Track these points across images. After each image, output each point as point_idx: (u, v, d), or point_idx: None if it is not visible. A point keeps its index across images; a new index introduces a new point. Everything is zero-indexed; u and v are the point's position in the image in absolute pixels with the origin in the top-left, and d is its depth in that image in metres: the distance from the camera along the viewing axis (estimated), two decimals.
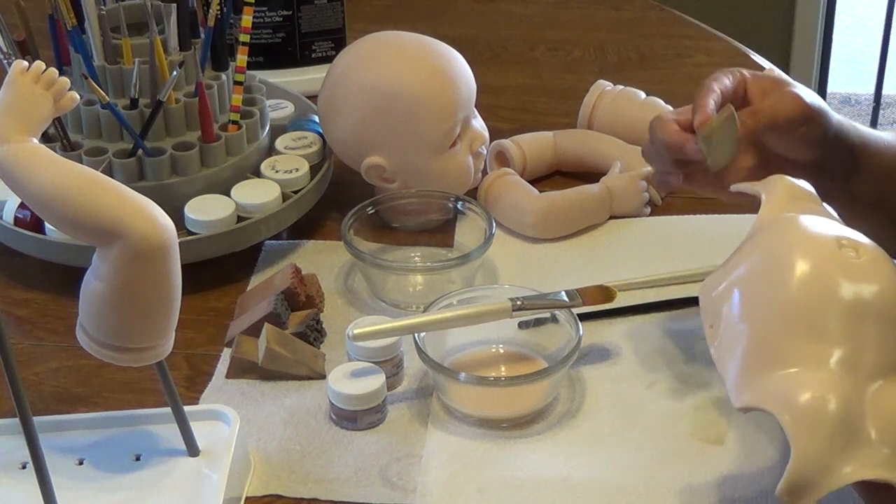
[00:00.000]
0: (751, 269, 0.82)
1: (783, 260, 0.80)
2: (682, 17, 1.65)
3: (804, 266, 0.79)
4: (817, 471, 0.73)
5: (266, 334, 0.99)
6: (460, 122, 1.15)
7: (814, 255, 0.80)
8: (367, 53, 1.17)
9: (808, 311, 0.77)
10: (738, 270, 0.83)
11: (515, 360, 1.00)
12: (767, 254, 0.82)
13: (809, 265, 0.79)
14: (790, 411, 0.74)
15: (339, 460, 0.91)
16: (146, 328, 0.80)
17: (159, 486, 0.86)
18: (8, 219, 1.11)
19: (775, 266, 0.80)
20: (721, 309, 0.82)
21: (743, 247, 0.86)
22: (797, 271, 0.79)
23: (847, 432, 0.74)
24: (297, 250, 1.16)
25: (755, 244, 0.84)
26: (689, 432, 0.93)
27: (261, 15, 1.39)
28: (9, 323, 1.07)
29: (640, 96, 1.30)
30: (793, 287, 0.78)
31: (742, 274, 0.83)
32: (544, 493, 0.88)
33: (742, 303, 0.81)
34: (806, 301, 0.78)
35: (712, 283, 0.84)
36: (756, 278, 0.82)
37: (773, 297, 0.79)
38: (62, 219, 0.78)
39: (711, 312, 0.83)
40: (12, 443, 0.87)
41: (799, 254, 0.80)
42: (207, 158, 1.12)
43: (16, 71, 0.80)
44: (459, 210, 1.14)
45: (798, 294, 0.78)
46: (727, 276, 0.84)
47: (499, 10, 1.68)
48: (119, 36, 1.13)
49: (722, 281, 0.84)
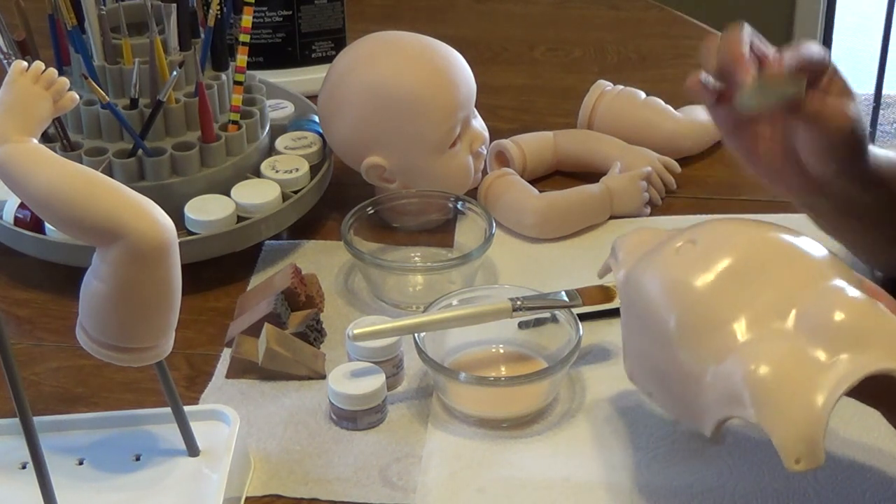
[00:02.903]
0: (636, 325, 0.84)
1: (648, 299, 0.82)
2: (682, 17, 1.65)
3: (662, 291, 0.80)
4: (800, 428, 0.71)
5: (266, 334, 0.99)
6: (460, 122, 1.15)
7: (661, 278, 0.81)
8: (367, 53, 1.17)
9: (694, 318, 0.78)
10: (631, 341, 0.85)
11: (515, 360, 1.00)
12: (638, 304, 0.83)
13: (662, 288, 0.81)
14: (740, 402, 0.74)
15: (339, 460, 0.91)
16: (146, 328, 0.80)
17: (159, 486, 0.86)
18: (8, 219, 1.11)
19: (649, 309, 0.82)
20: (644, 380, 0.85)
21: (622, 314, 0.87)
22: (661, 299, 0.80)
23: (796, 375, 0.73)
24: (297, 250, 1.16)
25: (626, 304, 0.86)
26: (689, 432, 0.93)
27: (261, 15, 1.39)
28: (9, 323, 1.07)
29: (640, 96, 1.30)
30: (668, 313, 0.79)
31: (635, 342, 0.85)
32: (544, 493, 0.88)
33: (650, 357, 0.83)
34: (684, 313, 0.79)
35: (629, 365, 0.87)
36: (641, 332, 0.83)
37: (663, 332, 0.80)
38: (62, 219, 0.78)
39: (642, 382, 0.86)
40: (12, 443, 0.87)
41: (653, 287, 0.81)
42: (207, 158, 1.12)
43: (15, 71, 0.80)
44: (459, 210, 1.14)
45: (676, 313, 0.79)
46: (629, 346, 0.86)
47: (499, 10, 1.68)
48: (119, 36, 1.13)
49: (630, 359, 0.86)
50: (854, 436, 0.92)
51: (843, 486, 0.87)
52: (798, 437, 0.71)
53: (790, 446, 0.71)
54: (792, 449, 0.71)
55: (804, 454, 0.71)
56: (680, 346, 0.78)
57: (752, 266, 0.78)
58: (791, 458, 0.71)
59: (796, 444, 0.71)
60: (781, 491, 0.87)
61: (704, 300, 0.78)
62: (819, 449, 0.71)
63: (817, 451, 0.71)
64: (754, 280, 0.78)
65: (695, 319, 0.78)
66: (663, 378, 0.81)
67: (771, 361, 0.73)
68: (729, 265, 0.79)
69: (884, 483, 0.88)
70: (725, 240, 0.81)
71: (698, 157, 1.29)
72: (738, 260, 0.79)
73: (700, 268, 0.79)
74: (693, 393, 0.78)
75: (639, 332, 0.84)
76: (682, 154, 1.27)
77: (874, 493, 0.87)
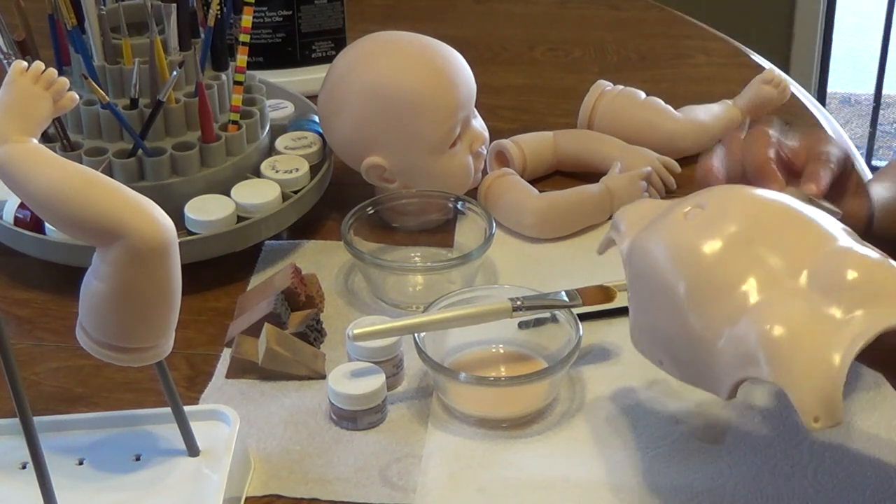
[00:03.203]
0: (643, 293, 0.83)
1: (656, 265, 0.81)
2: (682, 17, 1.65)
3: (671, 255, 0.80)
4: (818, 386, 0.71)
5: (266, 334, 0.99)
6: (460, 122, 1.15)
7: (670, 243, 0.80)
8: (367, 53, 1.17)
9: (703, 281, 0.78)
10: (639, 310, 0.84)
11: (515, 360, 1.00)
12: (645, 271, 0.83)
13: (671, 253, 0.80)
14: (756, 363, 0.73)
15: (339, 460, 0.91)
16: (146, 328, 0.80)
17: (159, 486, 0.86)
18: (8, 219, 1.11)
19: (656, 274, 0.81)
20: (654, 349, 0.83)
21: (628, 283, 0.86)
22: (670, 263, 0.79)
23: (812, 333, 0.72)
24: (297, 250, 1.16)
25: (632, 272, 0.85)
26: (689, 432, 0.93)
27: (261, 15, 1.39)
28: (9, 323, 1.07)
29: (640, 96, 1.30)
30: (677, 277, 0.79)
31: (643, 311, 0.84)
32: (544, 493, 0.88)
33: (660, 324, 0.82)
34: (693, 276, 0.78)
35: (632, 330, 0.86)
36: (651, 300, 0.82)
37: (672, 297, 0.79)
38: (62, 219, 0.78)
39: (650, 351, 0.84)
40: (12, 443, 0.87)
41: (661, 252, 0.81)
42: (207, 158, 1.12)
43: (15, 71, 0.80)
44: (459, 210, 1.14)
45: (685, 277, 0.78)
46: (635, 315, 0.85)
47: (499, 10, 1.68)
48: (119, 36, 1.13)
49: (637, 329, 0.85)
50: (854, 436, 0.92)
51: (843, 486, 0.87)
52: (817, 395, 0.71)
53: (809, 405, 0.71)
54: (811, 407, 0.71)
55: (823, 412, 0.71)
56: (691, 310, 0.78)
57: (762, 229, 0.78)
58: (810, 416, 0.71)
59: (815, 402, 0.71)
60: (781, 491, 0.87)
61: (715, 263, 0.77)
62: (838, 407, 0.71)
63: (836, 409, 0.71)
64: (764, 243, 0.77)
65: (706, 283, 0.77)
66: (675, 345, 0.80)
67: (785, 321, 0.73)
68: (738, 228, 0.78)
69: (884, 482, 0.88)
70: (734, 204, 0.81)
71: (698, 157, 1.28)
72: (748, 223, 0.78)
73: (709, 231, 0.79)
74: (707, 357, 0.77)
75: (648, 300, 0.83)
76: (682, 154, 1.27)
77: (874, 492, 0.87)
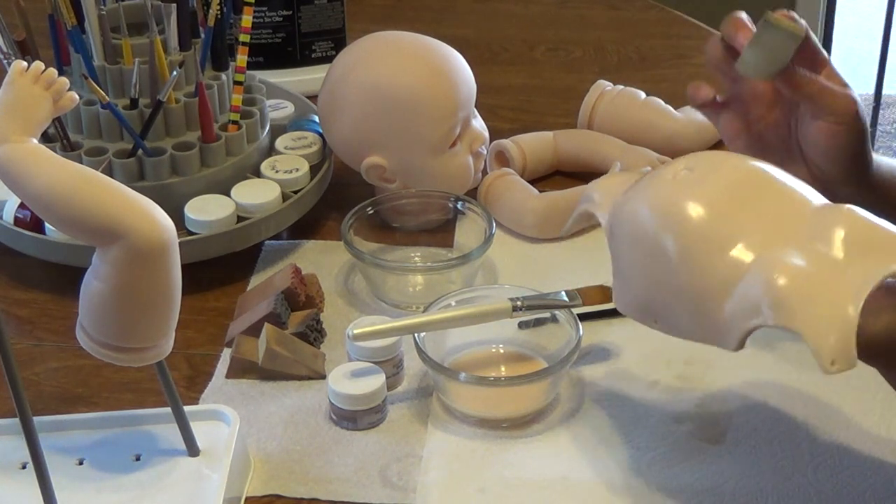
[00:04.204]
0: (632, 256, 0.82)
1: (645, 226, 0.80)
2: (682, 17, 1.65)
3: (661, 215, 0.79)
4: (833, 329, 0.71)
5: (266, 334, 0.99)
6: (460, 122, 1.15)
7: (662, 203, 0.80)
8: (367, 53, 1.17)
9: (697, 239, 0.77)
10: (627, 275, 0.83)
11: (515, 360, 1.00)
12: (632, 233, 0.81)
13: (664, 213, 0.79)
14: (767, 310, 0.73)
15: (339, 460, 0.91)
16: (146, 328, 0.80)
17: (159, 486, 0.86)
18: (8, 219, 1.11)
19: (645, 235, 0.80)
20: (645, 311, 0.82)
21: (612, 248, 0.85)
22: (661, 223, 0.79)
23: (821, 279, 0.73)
24: (297, 250, 1.16)
25: (617, 236, 0.84)
26: (689, 432, 0.93)
27: (261, 15, 1.39)
28: (9, 323, 1.07)
29: (640, 96, 1.30)
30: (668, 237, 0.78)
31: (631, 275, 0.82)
32: (544, 493, 0.88)
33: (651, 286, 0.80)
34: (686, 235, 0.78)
35: (619, 296, 0.84)
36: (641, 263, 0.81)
37: (663, 257, 0.78)
38: (62, 219, 0.78)
39: (642, 313, 0.83)
40: (12, 443, 0.88)
41: (651, 212, 0.80)
42: (207, 158, 1.12)
43: (15, 71, 0.80)
44: (459, 210, 1.14)
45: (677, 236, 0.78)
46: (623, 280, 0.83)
47: (499, 10, 1.68)
48: (119, 36, 1.13)
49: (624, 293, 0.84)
50: (854, 436, 0.92)
51: (843, 486, 0.87)
52: (832, 338, 0.71)
53: (826, 348, 0.71)
54: (828, 351, 0.71)
55: (839, 355, 0.71)
56: (687, 267, 0.77)
57: (753, 188, 0.78)
58: (828, 359, 0.71)
59: (833, 346, 0.71)
60: (781, 491, 0.87)
61: (712, 219, 0.77)
62: (852, 350, 0.71)
63: (851, 352, 0.71)
64: (757, 199, 0.77)
65: (700, 239, 0.77)
66: (669, 303, 0.79)
67: (793, 268, 0.73)
68: (730, 186, 0.78)
69: (884, 483, 0.88)
70: (722, 166, 0.81)
71: None
72: (739, 182, 0.79)
73: (701, 190, 0.79)
74: (709, 311, 0.77)
75: (636, 264, 0.81)
76: (682, 154, 1.26)
77: (874, 492, 0.87)
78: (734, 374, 0.98)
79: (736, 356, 0.79)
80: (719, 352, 0.78)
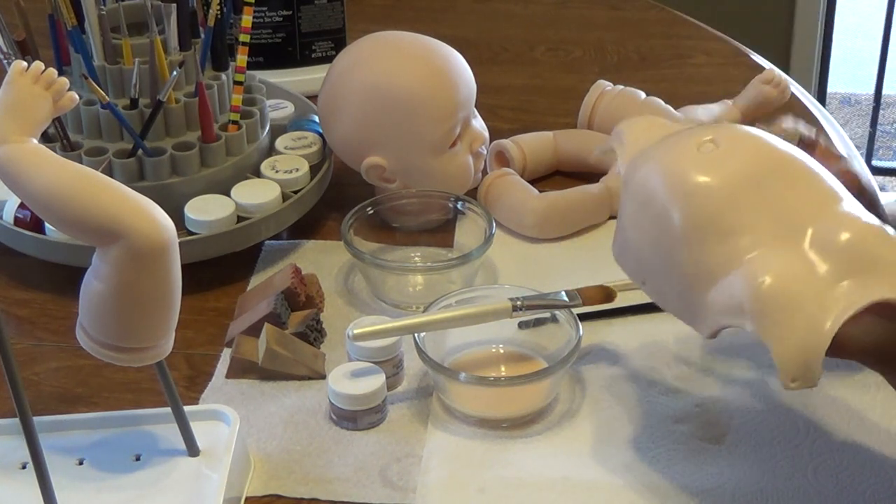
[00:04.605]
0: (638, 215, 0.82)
1: (657, 191, 0.79)
2: (682, 17, 1.65)
3: (675, 185, 0.78)
4: (801, 347, 0.71)
5: (266, 334, 0.99)
6: (460, 122, 1.15)
7: (678, 173, 0.79)
8: (367, 53, 1.17)
9: (703, 221, 0.77)
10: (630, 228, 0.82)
11: (515, 360, 1.00)
12: (644, 193, 0.81)
13: (677, 182, 0.78)
14: (742, 313, 0.73)
15: (339, 460, 0.91)
16: (146, 328, 0.80)
17: (159, 486, 0.86)
18: (8, 219, 1.11)
19: (655, 200, 0.79)
20: (638, 269, 0.82)
21: (623, 200, 0.84)
22: (672, 193, 0.78)
23: (802, 293, 0.72)
24: (297, 250, 1.16)
25: (630, 191, 0.83)
26: (689, 432, 0.93)
27: (261, 15, 1.39)
28: (9, 323, 1.07)
29: (640, 96, 1.30)
30: (677, 209, 0.78)
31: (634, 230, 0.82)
32: (544, 493, 0.88)
33: (649, 250, 0.80)
34: (694, 213, 0.77)
35: (617, 245, 0.84)
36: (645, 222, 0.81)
37: (666, 227, 0.78)
38: (62, 219, 0.78)
39: (633, 270, 0.83)
40: (12, 443, 0.88)
41: (666, 179, 0.79)
42: (207, 158, 1.12)
43: (15, 71, 0.80)
44: (459, 210, 1.14)
45: (685, 211, 0.77)
46: (624, 234, 0.83)
47: (499, 10, 1.68)
48: (119, 36, 1.13)
49: (624, 244, 0.83)
50: (855, 435, 0.92)
51: (843, 486, 0.87)
52: (798, 356, 0.70)
53: (790, 365, 0.70)
54: (791, 368, 0.70)
55: (802, 374, 0.70)
56: (687, 245, 0.77)
57: (774, 175, 0.77)
58: (789, 376, 0.70)
59: (797, 364, 0.70)
60: (781, 491, 0.87)
61: (722, 204, 0.76)
62: (816, 372, 0.70)
63: (814, 373, 0.70)
64: (773, 191, 0.76)
65: (706, 222, 0.76)
66: (661, 272, 0.79)
67: (778, 276, 0.72)
68: (750, 172, 0.77)
69: (884, 483, 0.88)
70: (747, 146, 0.79)
71: None
72: (760, 167, 0.77)
73: (720, 171, 0.77)
74: (692, 296, 0.76)
75: (642, 223, 0.81)
76: None
77: (874, 492, 0.87)
78: (734, 375, 0.98)
79: (736, 356, 0.79)
80: (719, 352, 0.78)
